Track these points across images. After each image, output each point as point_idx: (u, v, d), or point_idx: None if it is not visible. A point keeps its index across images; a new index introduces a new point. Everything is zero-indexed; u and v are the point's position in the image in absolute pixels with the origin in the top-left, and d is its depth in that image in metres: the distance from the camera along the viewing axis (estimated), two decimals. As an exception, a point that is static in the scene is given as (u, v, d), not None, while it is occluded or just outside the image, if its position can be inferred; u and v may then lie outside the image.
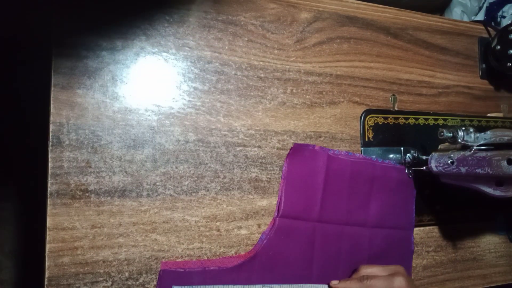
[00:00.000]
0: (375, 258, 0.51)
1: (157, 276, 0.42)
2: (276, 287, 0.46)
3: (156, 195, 0.43)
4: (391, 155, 0.54)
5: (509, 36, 0.58)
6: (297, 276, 0.47)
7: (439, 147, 0.52)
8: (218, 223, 0.45)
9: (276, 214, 0.47)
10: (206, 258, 0.44)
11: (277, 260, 0.46)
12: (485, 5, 0.99)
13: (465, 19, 0.99)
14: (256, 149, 0.48)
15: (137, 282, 0.42)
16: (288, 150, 0.49)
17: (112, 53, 0.43)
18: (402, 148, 0.55)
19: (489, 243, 0.61)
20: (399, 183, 0.53)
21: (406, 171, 0.55)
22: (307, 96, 0.51)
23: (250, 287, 0.45)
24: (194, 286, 0.42)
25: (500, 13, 0.95)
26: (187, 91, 0.46)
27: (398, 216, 0.53)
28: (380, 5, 0.58)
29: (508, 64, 0.59)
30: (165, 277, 0.42)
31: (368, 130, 0.54)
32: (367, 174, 0.51)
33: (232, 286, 0.44)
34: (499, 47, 0.60)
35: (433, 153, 0.49)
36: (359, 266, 0.48)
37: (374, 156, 0.53)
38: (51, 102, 0.41)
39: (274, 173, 0.48)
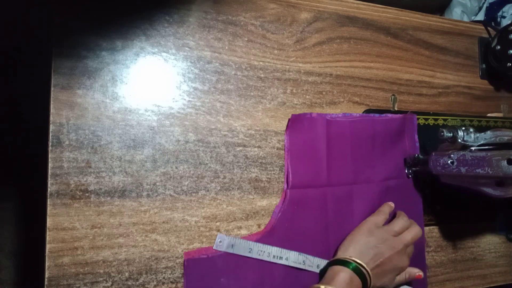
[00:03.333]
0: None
1: (181, 269, 0.42)
2: (310, 258, 0.47)
3: (156, 195, 0.43)
4: (391, 155, 0.54)
5: (509, 36, 0.58)
6: (315, 242, 0.48)
7: (439, 147, 0.52)
8: (218, 223, 0.45)
9: (285, 186, 0.48)
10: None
11: (294, 230, 0.47)
12: (485, 5, 0.99)
13: (465, 19, 0.99)
14: (256, 149, 0.48)
15: (137, 282, 0.42)
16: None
17: (112, 53, 0.43)
18: (402, 148, 0.55)
19: (489, 243, 0.61)
20: (399, 133, 0.54)
21: (406, 171, 0.55)
22: (307, 96, 0.51)
23: (288, 251, 0.46)
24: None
25: (500, 13, 0.95)
26: (187, 91, 0.46)
27: (403, 165, 0.54)
28: (380, 5, 0.58)
29: (508, 64, 0.59)
30: (190, 266, 0.43)
31: (368, 130, 0.54)
32: (367, 131, 0.52)
33: (271, 247, 0.45)
34: (499, 47, 0.60)
35: (433, 153, 0.49)
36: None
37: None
38: (51, 102, 0.41)
39: (274, 173, 0.48)
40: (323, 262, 0.47)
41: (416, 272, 0.48)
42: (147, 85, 0.44)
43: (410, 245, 0.48)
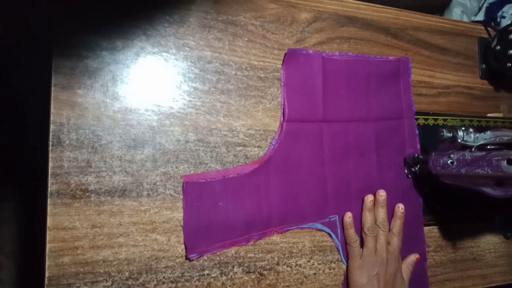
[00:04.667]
0: (383, 148, 0.53)
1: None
2: None
3: (156, 195, 0.43)
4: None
5: (509, 36, 0.59)
6: (312, 174, 0.49)
7: (439, 147, 0.52)
8: (218, 223, 0.45)
9: (282, 119, 0.49)
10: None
11: (291, 161, 0.49)
12: (484, 5, 0.99)
13: (465, 19, 0.99)
14: (256, 149, 0.48)
15: (137, 282, 0.42)
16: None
17: (112, 53, 0.43)
18: (402, 148, 0.55)
19: (489, 243, 0.61)
20: (394, 74, 0.56)
21: (406, 171, 0.55)
22: (307, 96, 0.51)
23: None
24: None
25: (500, 13, 0.95)
26: (187, 91, 0.46)
27: (397, 106, 0.55)
28: (380, 5, 0.58)
29: (508, 64, 0.59)
30: (189, 189, 0.44)
31: (368, 130, 0.54)
32: (362, 70, 0.53)
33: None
34: (499, 47, 0.60)
35: (433, 153, 0.49)
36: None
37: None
38: (51, 102, 0.41)
39: (274, 173, 0.48)
40: None
41: (413, 258, 0.53)
42: (147, 85, 0.44)
43: (387, 249, 0.50)
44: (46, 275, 0.39)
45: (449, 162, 0.46)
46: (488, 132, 0.46)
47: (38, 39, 0.91)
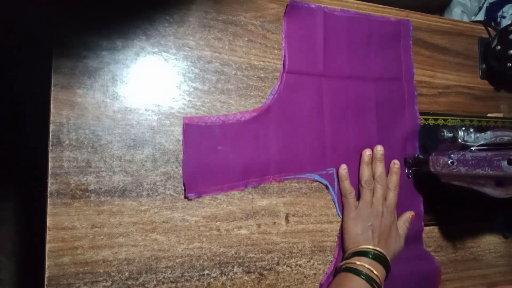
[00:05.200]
0: (382, 108, 0.54)
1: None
2: None
3: (156, 195, 0.43)
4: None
5: (509, 36, 0.58)
6: (311, 126, 0.50)
7: (439, 147, 0.52)
8: (218, 223, 0.45)
9: (282, 70, 0.50)
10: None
11: (290, 112, 0.49)
12: (485, 5, 0.99)
13: (465, 19, 0.99)
14: (256, 149, 0.48)
15: (137, 282, 0.42)
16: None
17: (112, 53, 0.43)
18: (402, 148, 0.55)
19: (489, 243, 0.61)
20: (395, 36, 0.56)
21: (406, 171, 0.55)
22: (307, 96, 0.51)
23: None
24: None
25: (500, 13, 0.95)
26: (187, 91, 0.46)
27: (397, 67, 0.56)
28: (380, 5, 0.57)
29: (508, 64, 0.59)
30: (188, 131, 0.44)
31: (368, 129, 0.54)
32: (363, 29, 0.54)
33: None
34: (499, 47, 0.60)
35: (433, 153, 0.49)
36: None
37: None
38: (51, 102, 0.41)
39: (274, 173, 0.48)
40: None
41: (408, 215, 0.53)
42: (147, 84, 0.44)
43: (384, 202, 0.50)
44: (46, 275, 0.39)
45: (449, 162, 0.46)
46: (489, 132, 0.46)
47: (38, 39, 0.91)
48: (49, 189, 0.40)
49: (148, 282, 0.42)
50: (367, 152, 0.51)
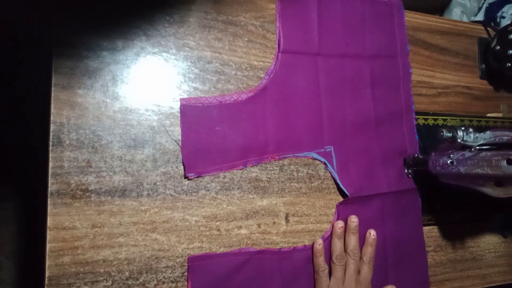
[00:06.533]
0: (377, 85, 0.54)
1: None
2: None
3: (157, 195, 0.43)
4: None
5: (509, 37, 0.59)
6: (308, 105, 0.50)
7: (439, 147, 0.52)
8: (218, 223, 0.45)
9: (277, 50, 0.50)
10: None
11: (287, 91, 0.50)
12: (484, 6, 0.99)
13: (465, 19, 0.99)
14: (256, 149, 0.48)
15: (137, 282, 0.42)
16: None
17: (112, 53, 0.43)
18: (401, 148, 0.55)
19: (488, 243, 0.61)
20: (388, 15, 0.57)
21: (406, 171, 0.55)
22: (307, 96, 0.51)
23: None
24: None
25: (499, 14, 0.95)
26: (188, 91, 0.46)
27: (392, 45, 0.57)
28: (380, 6, 0.58)
29: (508, 64, 0.59)
30: (186, 112, 0.45)
31: (368, 130, 0.54)
32: (357, 8, 0.55)
33: None
34: (498, 47, 0.60)
35: (433, 153, 0.49)
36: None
37: None
38: (52, 102, 0.41)
39: (274, 173, 0.48)
40: None
41: None
42: (147, 85, 0.44)
43: (357, 278, 0.48)
44: (46, 275, 0.39)
45: (449, 162, 0.46)
46: (488, 132, 0.46)
47: (38, 39, 0.91)
48: (49, 189, 0.40)
49: (148, 282, 0.42)
50: (339, 225, 0.49)
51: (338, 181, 0.50)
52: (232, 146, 0.46)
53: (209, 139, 0.45)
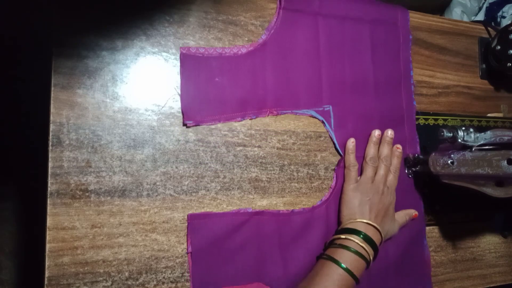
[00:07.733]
0: (377, 49, 0.55)
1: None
2: None
3: (156, 195, 0.43)
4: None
5: (509, 36, 0.59)
6: (307, 63, 0.51)
7: (439, 147, 0.52)
8: (218, 223, 0.45)
9: (278, 6, 0.50)
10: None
11: (287, 48, 0.50)
12: (485, 5, 0.99)
13: (465, 19, 0.99)
14: (256, 149, 0.48)
15: (137, 282, 0.42)
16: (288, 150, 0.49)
17: (112, 53, 0.43)
18: (402, 148, 0.55)
19: (489, 243, 0.61)
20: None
21: (406, 171, 0.55)
22: (307, 96, 0.51)
23: None
24: None
25: (500, 13, 0.95)
26: (187, 91, 0.46)
27: (392, 11, 0.57)
28: (380, 5, 0.57)
29: (508, 64, 0.59)
30: (186, 61, 0.45)
31: (368, 129, 0.54)
32: None
33: None
34: (499, 47, 0.60)
35: (433, 153, 0.49)
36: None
37: None
38: (51, 102, 0.41)
39: (274, 173, 0.48)
40: None
41: (413, 212, 0.53)
42: (147, 84, 0.44)
43: (385, 182, 0.50)
44: (46, 275, 0.39)
45: (449, 162, 0.46)
46: (488, 132, 0.46)
47: (38, 39, 0.91)
48: (49, 189, 0.40)
49: (148, 282, 0.42)
50: (376, 132, 0.52)
51: (335, 141, 0.51)
52: (231, 97, 0.46)
53: (208, 89, 0.45)
